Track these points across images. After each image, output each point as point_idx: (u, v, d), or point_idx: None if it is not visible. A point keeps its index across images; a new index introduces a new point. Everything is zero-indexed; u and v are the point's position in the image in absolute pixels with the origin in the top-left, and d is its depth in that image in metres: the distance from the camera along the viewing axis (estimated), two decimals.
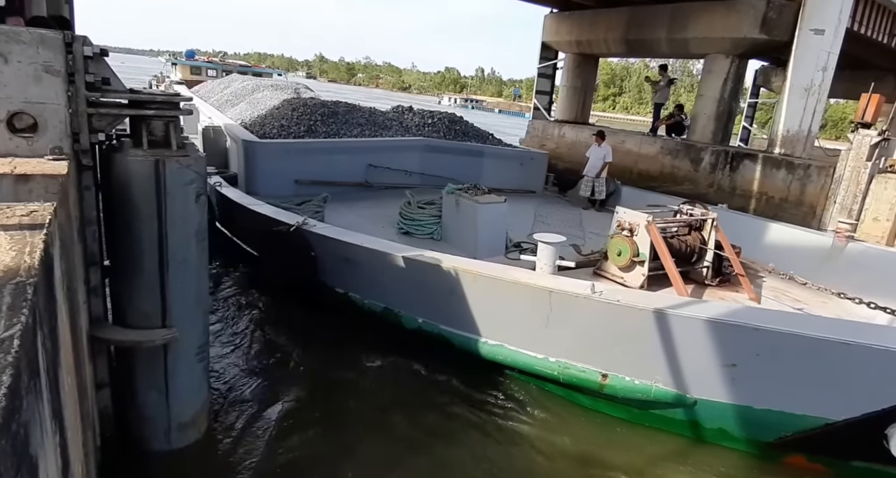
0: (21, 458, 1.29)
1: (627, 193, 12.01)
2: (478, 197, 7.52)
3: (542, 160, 13.23)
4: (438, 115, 13.18)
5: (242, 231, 8.07)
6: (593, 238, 9.04)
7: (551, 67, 16.79)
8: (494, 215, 7.47)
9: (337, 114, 11.50)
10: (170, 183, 3.77)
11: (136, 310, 4.00)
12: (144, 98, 3.76)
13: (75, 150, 3.51)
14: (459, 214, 7.69)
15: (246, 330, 6.82)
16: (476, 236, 7.40)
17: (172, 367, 4.17)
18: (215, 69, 29.18)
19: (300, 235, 6.43)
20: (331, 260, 6.57)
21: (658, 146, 13.11)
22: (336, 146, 10.44)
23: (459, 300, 5.66)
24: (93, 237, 3.89)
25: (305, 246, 6.51)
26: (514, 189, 11.96)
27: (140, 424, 4.31)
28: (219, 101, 15.80)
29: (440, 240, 8.05)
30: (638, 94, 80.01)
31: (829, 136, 50.50)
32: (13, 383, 1.19)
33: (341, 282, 6.69)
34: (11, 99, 3.26)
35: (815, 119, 11.31)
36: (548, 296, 5.15)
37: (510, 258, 7.30)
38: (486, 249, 7.32)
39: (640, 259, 6.81)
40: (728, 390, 4.81)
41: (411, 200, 8.50)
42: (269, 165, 9.53)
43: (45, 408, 1.72)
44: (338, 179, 10.25)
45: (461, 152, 11.87)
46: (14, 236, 1.99)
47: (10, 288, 1.59)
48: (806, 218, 10.55)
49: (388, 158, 10.79)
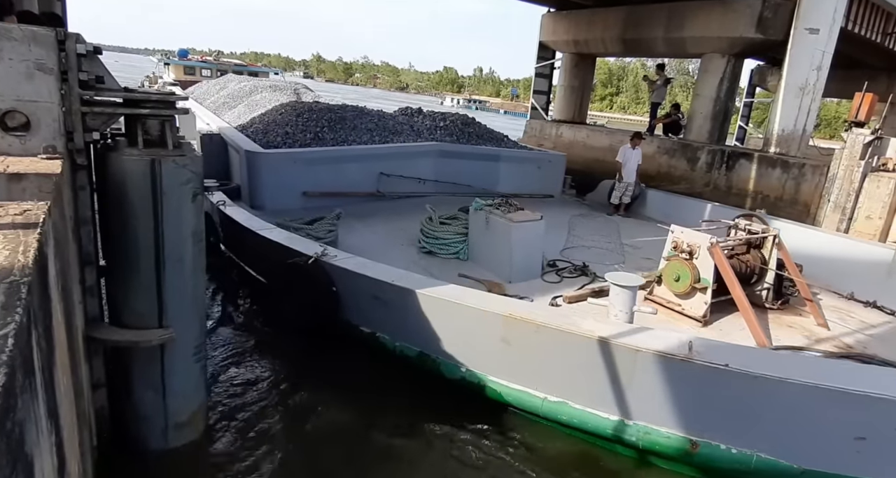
0: (16, 457, 1.27)
1: (654, 197, 11.65)
2: (511, 214, 6.87)
3: (561, 163, 12.67)
4: (451, 116, 12.56)
5: (251, 257, 7.30)
6: (630, 253, 8.47)
7: (549, 67, 16.80)
8: (530, 235, 6.85)
9: (345, 119, 10.83)
10: (166, 183, 3.75)
11: (132, 310, 3.98)
12: (139, 97, 3.74)
13: (69, 149, 3.49)
14: (490, 233, 7.05)
15: (252, 361, 6.10)
16: (510, 258, 6.80)
17: (169, 367, 4.15)
18: (210, 69, 28.88)
19: (319, 268, 5.74)
20: (356, 297, 5.76)
21: (655, 146, 13.13)
22: (346, 154, 9.78)
23: (515, 351, 4.86)
24: (88, 237, 3.87)
25: (326, 280, 5.79)
26: (532, 194, 11.59)
27: (137, 423, 4.28)
28: (215, 103, 15.35)
29: (466, 260, 7.47)
30: (635, 93, 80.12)
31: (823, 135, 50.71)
32: (8, 381, 1.18)
33: (368, 321, 5.89)
34: (3, 97, 3.24)
35: (810, 118, 11.37)
36: (633, 356, 4.31)
37: (547, 281, 6.86)
38: (520, 272, 6.81)
39: (701, 286, 6.06)
40: (849, 464, 4.12)
41: (433, 215, 7.82)
42: (274, 177, 8.92)
43: (41, 407, 1.71)
44: (348, 189, 9.66)
45: (477, 157, 11.25)
46: (7, 235, 1.97)
47: (4, 287, 1.57)
48: (800, 217, 10.60)
49: (400, 166, 10.17)
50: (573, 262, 7.65)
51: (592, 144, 14.37)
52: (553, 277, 7.12)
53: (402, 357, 5.69)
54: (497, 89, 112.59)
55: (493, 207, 7.08)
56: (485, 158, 11.31)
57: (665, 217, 10.86)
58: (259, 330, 6.72)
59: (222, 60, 33.11)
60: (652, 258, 7.96)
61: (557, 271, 7.31)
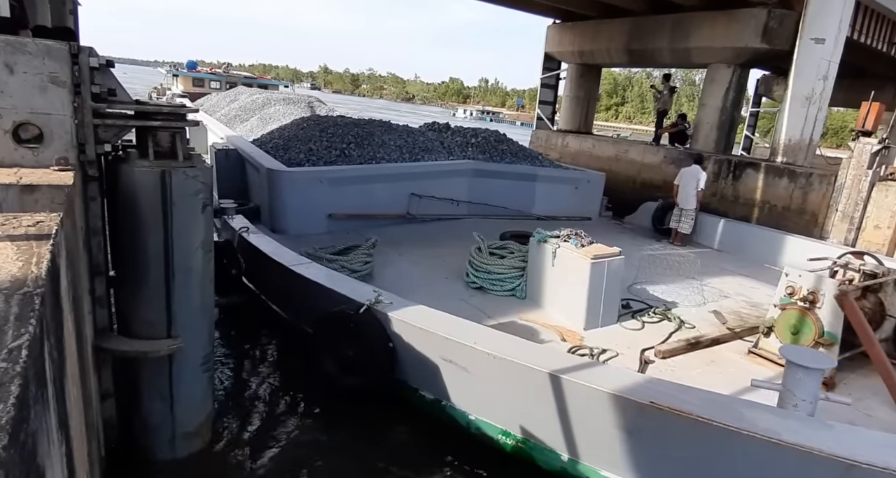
0: (29, 467, 1.28)
1: (708, 223, 10.73)
2: (586, 249, 5.99)
3: (599, 183, 11.87)
4: (482, 132, 11.86)
5: (281, 295, 6.38)
6: (704, 290, 7.56)
7: (554, 78, 16.87)
8: (609, 274, 5.95)
9: (373, 135, 10.08)
10: (176, 193, 3.79)
11: (141, 320, 4.00)
12: (151, 109, 3.78)
13: (81, 160, 3.54)
14: (558, 270, 6.16)
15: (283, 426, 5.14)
16: (585, 301, 5.88)
17: (177, 376, 4.16)
18: (219, 81, 28.99)
19: (372, 318, 4.82)
20: (420, 356, 4.72)
21: (661, 155, 13.12)
22: (374, 173, 9.03)
23: (645, 443, 3.79)
24: (98, 247, 3.91)
25: (380, 334, 4.80)
26: (569, 216, 10.96)
27: (144, 433, 4.30)
28: (226, 115, 15.07)
29: (524, 298, 6.58)
30: (640, 103, 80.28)
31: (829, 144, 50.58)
32: (21, 392, 1.19)
33: (433, 386, 4.83)
34: (17, 109, 3.29)
35: (817, 128, 11.35)
36: (843, 471, 3.01)
37: (626, 327, 6.09)
38: (596, 317, 5.99)
39: (827, 342, 5.13)
40: None
41: (482, 244, 6.96)
42: (298, 198, 8.18)
43: (52, 418, 1.72)
44: (376, 210, 8.95)
45: (512, 176, 10.58)
46: (21, 247, 2.00)
47: (18, 298, 1.59)
48: (808, 226, 10.56)
49: (432, 185, 9.47)
50: (646, 301, 6.82)
51: (598, 153, 14.38)
52: (632, 323, 6.23)
53: (478, 435, 4.65)
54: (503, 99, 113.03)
55: (562, 239, 6.20)
56: (521, 178, 10.69)
57: (721, 245, 10.50)
58: (287, 385, 5.73)
59: (231, 72, 33.27)
60: (729, 296, 7.54)
61: (634, 314, 6.41)
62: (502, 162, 10.94)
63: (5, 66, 3.22)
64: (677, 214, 10.38)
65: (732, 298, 7.48)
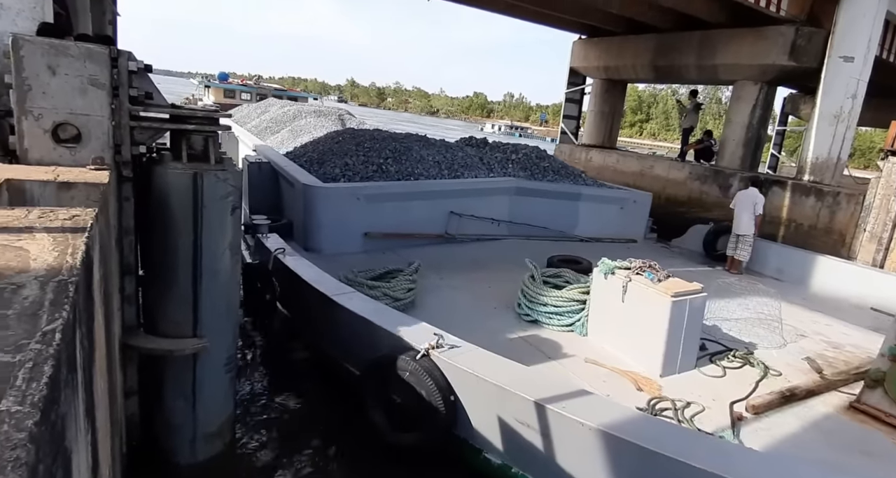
0: (57, 449, 1.31)
1: (764, 249, 10.07)
2: (664, 284, 5.30)
3: (646, 203, 11.34)
4: (523, 149, 11.51)
5: (320, 325, 5.82)
6: (778, 328, 6.81)
7: (579, 92, 16.89)
8: (690, 313, 5.31)
9: (411, 150, 9.70)
10: (207, 196, 3.86)
11: (168, 319, 4.06)
12: (185, 113, 3.88)
13: (116, 161, 3.63)
14: (629, 307, 5.48)
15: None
16: (663, 344, 5.22)
17: (201, 376, 4.20)
18: (249, 92, 29.52)
19: (432, 366, 4.16)
20: (486, 414, 4.08)
21: (686, 172, 13.01)
22: (414, 190, 8.63)
23: None
24: (129, 247, 3.99)
25: (441, 385, 4.12)
26: (613, 238, 10.55)
27: (166, 432, 4.34)
28: (257, 127, 15.05)
29: (586, 335, 5.95)
30: (665, 120, 79.81)
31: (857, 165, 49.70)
32: (54, 374, 1.22)
33: (502, 450, 4.13)
34: (57, 110, 3.40)
35: (845, 146, 11.17)
36: None
37: (705, 374, 5.47)
38: (674, 362, 5.35)
39: None
40: None
41: (535, 272, 6.35)
42: (334, 215, 7.83)
43: (80, 405, 1.76)
44: (414, 230, 8.56)
45: (556, 195, 10.16)
46: (57, 238, 2.05)
47: (53, 285, 1.64)
48: (835, 246, 10.35)
49: (472, 204, 9.07)
50: (722, 342, 6.20)
51: (622, 169, 14.31)
52: (712, 368, 5.59)
53: None
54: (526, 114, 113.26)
55: (634, 272, 5.53)
56: (564, 197, 10.29)
57: (780, 274, 9.82)
58: (329, 432, 5.15)
59: (262, 84, 33.90)
60: (806, 335, 6.84)
61: (712, 358, 5.78)
62: (544, 180, 10.56)
63: (48, 67, 3.33)
64: (734, 241, 9.73)
65: (811, 338, 6.82)
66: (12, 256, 1.82)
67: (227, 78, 33.78)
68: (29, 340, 1.31)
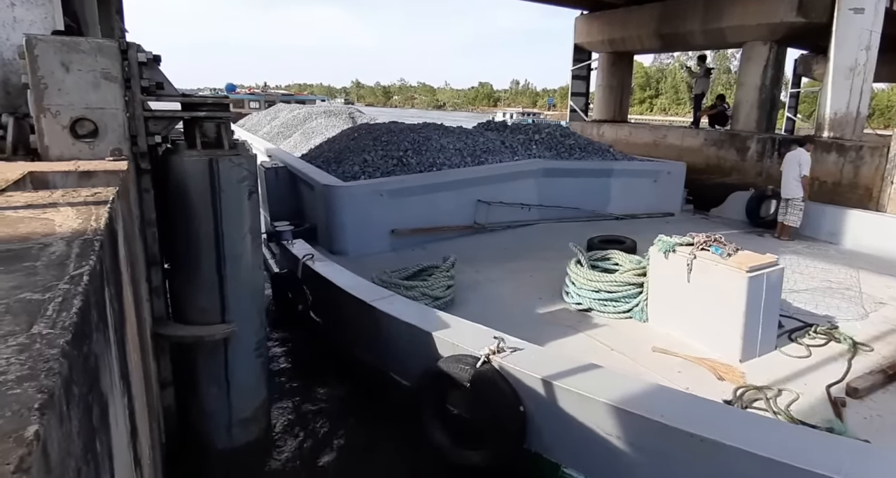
0: (92, 384, 1.35)
1: (813, 211, 9.41)
2: (735, 258, 4.82)
3: (680, 173, 10.80)
4: (545, 128, 11.03)
5: (359, 334, 5.42)
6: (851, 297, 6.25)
7: (585, 69, 16.73)
8: (768, 288, 4.83)
9: (430, 139, 9.34)
10: (223, 181, 3.93)
11: (195, 307, 4.14)
12: (196, 101, 3.95)
13: (134, 152, 3.71)
14: (696, 286, 5.01)
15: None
16: (741, 325, 4.74)
17: (232, 362, 4.28)
18: (258, 100, 29.84)
19: (494, 374, 3.72)
20: (563, 425, 3.60)
21: (702, 138, 12.83)
22: (438, 181, 8.33)
23: None
24: (153, 238, 4.07)
25: (506, 394, 3.68)
26: (649, 213, 10.17)
27: (202, 419, 4.43)
28: (269, 133, 14.95)
29: (646, 321, 5.50)
30: (675, 94, 78.55)
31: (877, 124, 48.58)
32: (83, 306, 1.26)
33: (586, 464, 3.70)
34: (73, 106, 3.48)
35: (863, 100, 10.90)
36: None
37: (787, 354, 4.96)
38: (754, 344, 4.87)
39: None
40: None
41: (581, 256, 5.92)
42: (358, 214, 7.52)
43: (113, 360, 1.80)
44: (441, 222, 8.23)
45: (585, 174, 9.75)
46: (80, 210, 2.11)
47: (79, 242, 1.68)
48: (862, 201, 10.12)
49: (499, 190, 8.77)
50: (796, 318, 5.62)
51: (636, 141, 14.15)
52: (794, 348, 5.07)
53: None
54: (534, 100, 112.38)
55: (697, 247, 5.04)
56: (594, 175, 9.84)
57: (834, 237, 9.23)
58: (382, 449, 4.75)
59: (269, 92, 34.20)
60: (885, 303, 6.23)
61: (790, 335, 5.27)
62: (571, 158, 10.18)
63: (62, 64, 3.41)
64: (783, 205, 9.28)
65: (892, 306, 6.19)
66: (38, 225, 1.87)
67: (235, 89, 34.19)
68: (58, 282, 1.35)
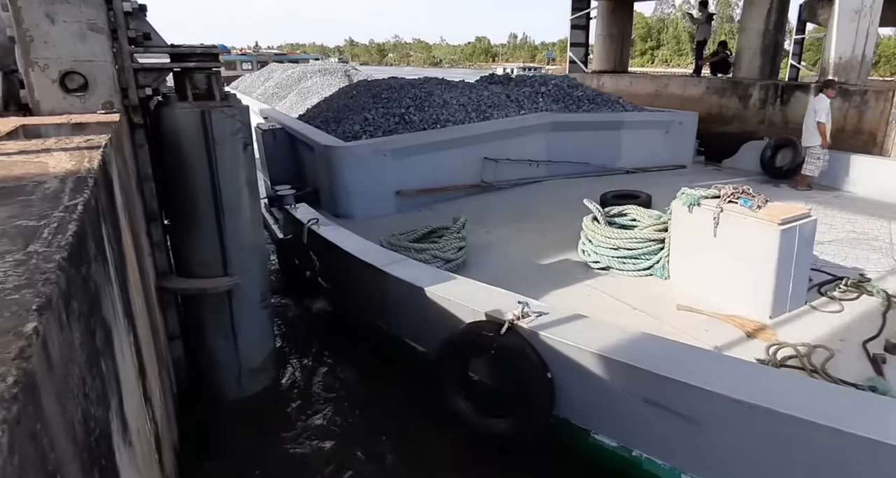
0: (91, 307, 1.38)
1: (835, 160, 8.94)
2: (766, 210, 4.56)
3: (692, 123, 10.44)
4: (552, 79, 10.61)
5: (372, 300, 5.17)
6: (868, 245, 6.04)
7: (584, 17, 16.30)
8: (801, 241, 4.59)
9: (432, 95, 9.00)
10: (217, 133, 3.91)
11: (197, 260, 4.18)
12: (185, 51, 3.89)
13: (125, 105, 3.68)
14: (723, 241, 4.76)
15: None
16: (773, 280, 4.52)
17: (238, 313, 4.35)
18: (250, 61, 29.22)
19: (520, 340, 3.57)
20: (594, 391, 3.49)
21: (703, 86, 12.60)
22: (443, 138, 8.04)
23: None
24: (151, 194, 4.09)
25: (533, 362, 3.56)
26: (661, 166, 9.89)
27: (213, 371, 4.53)
28: (263, 94, 14.66)
29: (667, 278, 5.29)
30: (676, 45, 76.91)
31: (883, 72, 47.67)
32: (79, 231, 1.27)
33: (617, 429, 3.55)
34: (62, 58, 3.44)
35: (869, 43, 10.62)
36: None
37: (819, 309, 4.74)
38: (783, 299, 4.64)
39: None
40: None
41: (597, 213, 5.65)
42: (362, 176, 7.29)
43: (115, 296, 1.84)
44: (447, 182, 8.03)
45: (595, 127, 9.43)
46: (73, 154, 2.11)
47: (73, 179, 1.70)
48: (866, 147, 10.00)
49: (506, 146, 8.51)
50: (824, 270, 5.40)
51: (636, 91, 13.91)
52: (824, 302, 4.84)
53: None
54: (532, 54, 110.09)
55: (724, 200, 4.77)
56: (604, 127, 9.51)
57: (856, 187, 8.86)
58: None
59: (261, 52, 33.55)
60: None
61: (820, 289, 5.02)
62: (580, 111, 9.80)
63: (46, 16, 3.36)
64: (804, 155, 8.94)
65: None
66: (32, 167, 1.88)
67: (227, 49, 33.47)
68: (52, 211, 1.36)
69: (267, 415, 4.61)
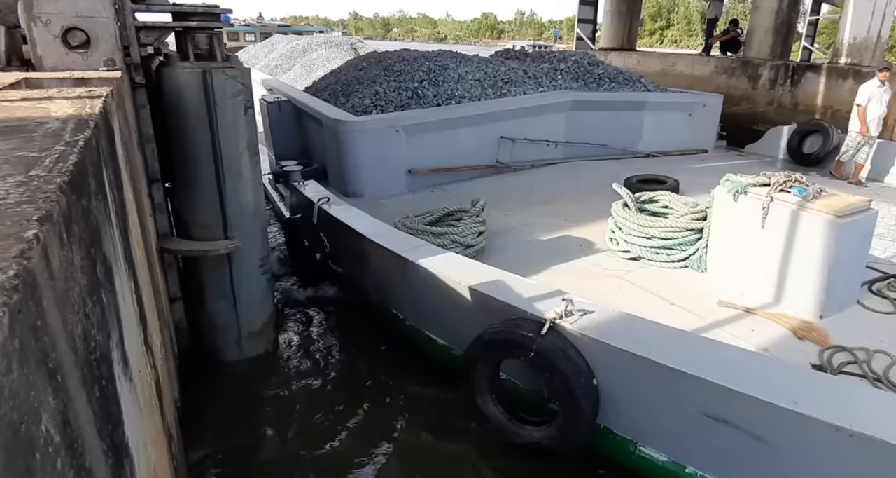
0: (93, 241, 1.39)
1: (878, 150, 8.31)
2: (823, 201, 4.19)
3: (717, 106, 9.97)
4: (572, 56, 10.21)
5: (390, 287, 4.92)
6: None
7: None
8: (860, 236, 4.30)
9: (447, 69, 8.57)
10: (218, 94, 3.90)
11: (197, 223, 4.21)
12: (187, 9, 3.86)
13: (127, 63, 3.67)
14: (771, 233, 4.39)
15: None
16: (826, 278, 4.17)
17: (237, 276, 4.39)
18: (253, 32, 28.82)
19: (562, 342, 3.29)
20: (646, 401, 3.25)
21: (712, 66, 12.47)
22: (459, 115, 7.67)
23: None
24: (152, 155, 4.10)
25: (580, 367, 3.26)
26: (682, 150, 9.50)
27: (213, 333, 4.60)
28: (267, 66, 14.35)
29: (704, 271, 4.94)
30: (686, 25, 75.78)
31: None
32: (79, 162, 1.29)
33: (670, 444, 3.25)
34: (64, 14, 3.41)
35: (885, 23, 10.46)
36: None
37: (871, 308, 4.41)
38: (834, 298, 4.27)
39: None
40: None
41: (627, 199, 5.29)
42: (373, 153, 6.96)
43: (116, 238, 1.86)
44: (462, 161, 7.70)
45: (617, 107, 9.04)
46: (75, 102, 2.12)
47: (74, 122, 1.70)
48: None
49: (524, 125, 8.12)
50: (875, 267, 4.94)
51: (644, 70, 13.74)
52: (876, 301, 4.49)
53: None
54: (539, 31, 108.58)
55: (774, 189, 4.38)
56: (626, 108, 9.12)
57: (884, 174, 8.41)
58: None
59: (264, 23, 33.07)
60: None
61: (871, 287, 4.66)
62: (601, 89, 9.34)
63: None
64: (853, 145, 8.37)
65: None
66: (34, 111, 1.89)
67: (230, 20, 33.00)
68: (54, 145, 1.38)
69: (264, 377, 4.69)
